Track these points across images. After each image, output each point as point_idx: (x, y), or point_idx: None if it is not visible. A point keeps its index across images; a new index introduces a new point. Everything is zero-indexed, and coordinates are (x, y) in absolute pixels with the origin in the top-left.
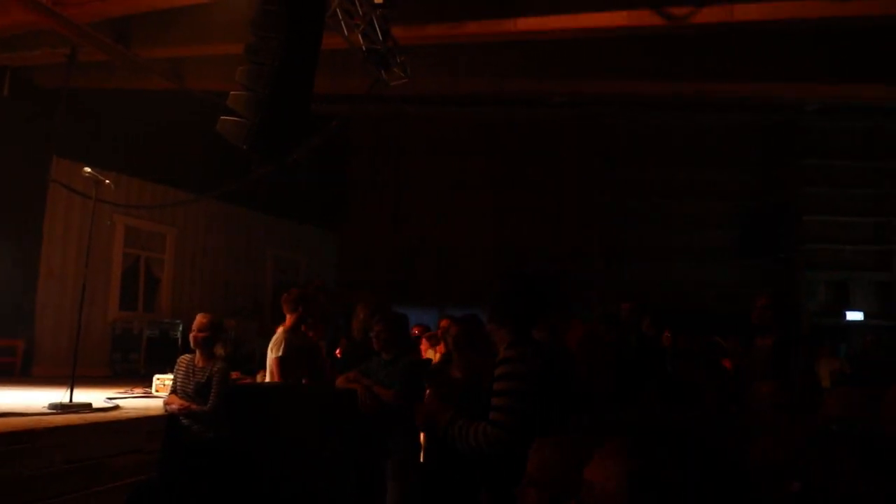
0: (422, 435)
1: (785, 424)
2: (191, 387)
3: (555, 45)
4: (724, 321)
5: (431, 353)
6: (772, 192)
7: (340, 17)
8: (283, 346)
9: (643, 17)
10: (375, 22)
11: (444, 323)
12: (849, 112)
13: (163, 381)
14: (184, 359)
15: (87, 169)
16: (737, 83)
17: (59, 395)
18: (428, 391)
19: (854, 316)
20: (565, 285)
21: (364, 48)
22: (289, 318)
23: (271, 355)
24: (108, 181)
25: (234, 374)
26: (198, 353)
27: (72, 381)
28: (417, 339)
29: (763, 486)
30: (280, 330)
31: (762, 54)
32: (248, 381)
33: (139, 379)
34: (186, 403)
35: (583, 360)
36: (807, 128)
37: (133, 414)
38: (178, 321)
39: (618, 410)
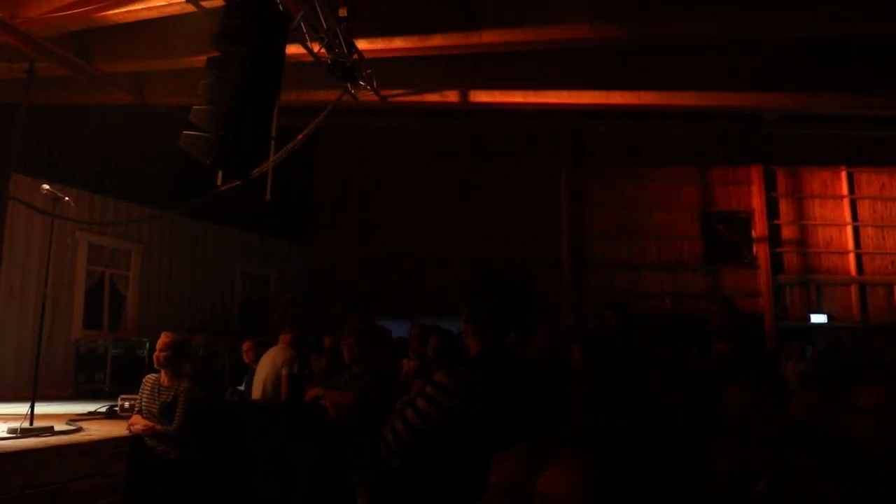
0: None
1: (752, 425)
2: (156, 407)
3: (521, 56)
4: (693, 328)
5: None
6: (737, 197)
7: (305, 30)
8: (296, 363)
9: (608, 30)
10: (340, 35)
11: (415, 331)
12: (811, 119)
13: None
14: (149, 378)
15: (46, 186)
16: (699, 95)
17: (21, 418)
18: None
19: (819, 319)
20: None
21: (329, 61)
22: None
23: (283, 372)
24: (67, 198)
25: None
26: (163, 372)
27: (32, 404)
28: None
29: (731, 485)
30: (281, 347)
31: (725, 66)
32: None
33: (105, 399)
34: (151, 424)
35: (542, 373)
36: (769, 134)
37: (96, 436)
38: (145, 339)
39: (577, 421)
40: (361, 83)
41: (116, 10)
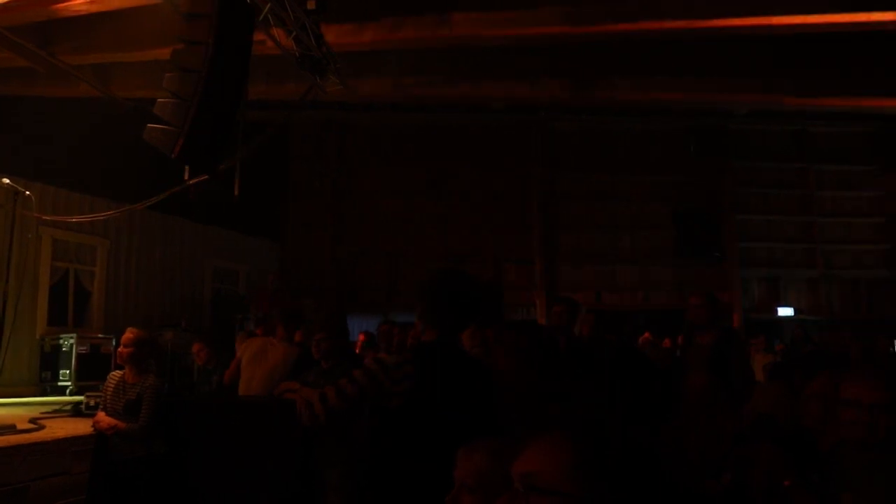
0: None
1: (717, 418)
2: (121, 404)
3: (494, 53)
4: (664, 320)
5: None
6: (705, 193)
7: (272, 22)
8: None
9: (581, 25)
10: (308, 27)
11: (383, 328)
12: (776, 116)
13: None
14: (114, 375)
15: (6, 180)
16: (670, 91)
17: None
18: None
19: (785, 311)
20: (498, 294)
21: (298, 54)
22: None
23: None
24: (28, 192)
25: None
26: (127, 369)
27: None
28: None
29: (695, 478)
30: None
31: (697, 63)
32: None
33: (70, 396)
34: (115, 422)
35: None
36: (737, 131)
37: (60, 434)
38: (111, 336)
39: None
40: (331, 76)
41: (79, 1)
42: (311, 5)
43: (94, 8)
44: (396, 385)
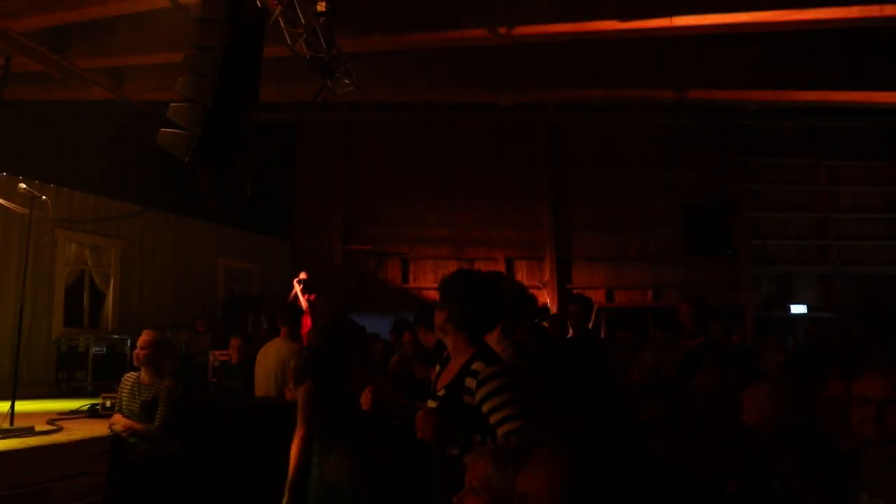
0: None
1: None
2: (137, 405)
3: (501, 53)
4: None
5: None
6: (716, 190)
7: (283, 25)
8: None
9: (585, 26)
10: (318, 30)
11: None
12: (788, 112)
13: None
14: (129, 377)
15: (23, 185)
16: (678, 89)
17: (0, 418)
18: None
19: (798, 309)
20: (522, 292)
21: (308, 56)
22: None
23: (291, 363)
24: (44, 197)
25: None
26: (143, 370)
27: (12, 405)
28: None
29: (702, 485)
30: (283, 340)
31: (703, 61)
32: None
33: (86, 397)
34: (131, 423)
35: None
36: (748, 127)
37: (78, 435)
38: (126, 337)
39: (547, 418)
40: (341, 78)
41: (94, 6)
42: (321, 8)
43: (106, 12)
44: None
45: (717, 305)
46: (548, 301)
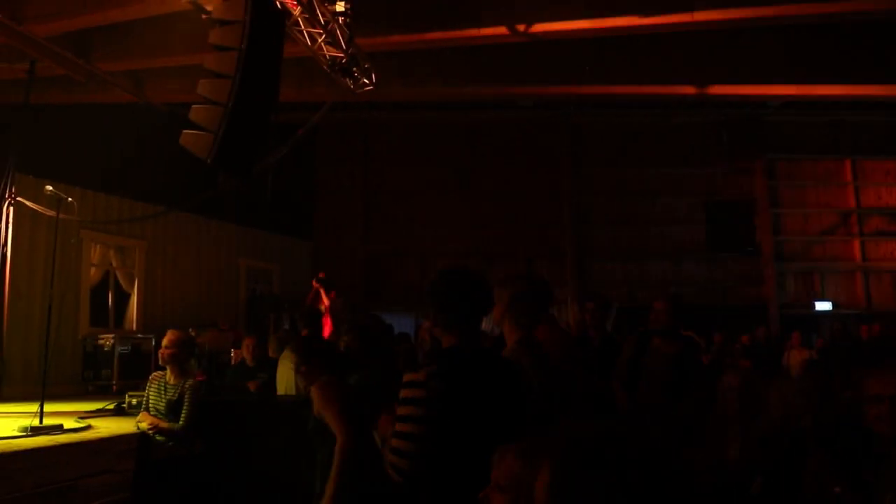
0: None
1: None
2: (162, 404)
3: (520, 50)
4: (698, 316)
5: None
6: (739, 186)
7: (302, 26)
8: None
9: (605, 22)
10: (337, 30)
11: (426, 324)
12: (812, 106)
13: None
14: (155, 375)
15: (49, 187)
16: (700, 85)
17: (30, 416)
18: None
19: (823, 306)
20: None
21: (328, 56)
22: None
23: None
24: (70, 199)
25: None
26: (169, 369)
27: (41, 403)
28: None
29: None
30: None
31: (725, 56)
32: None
33: (112, 395)
34: (157, 421)
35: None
36: (771, 123)
37: (105, 433)
38: (151, 336)
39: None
40: (360, 77)
41: (115, 10)
42: (339, 8)
43: (128, 16)
44: (433, 396)
45: (740, 303)
46: (568, 299)
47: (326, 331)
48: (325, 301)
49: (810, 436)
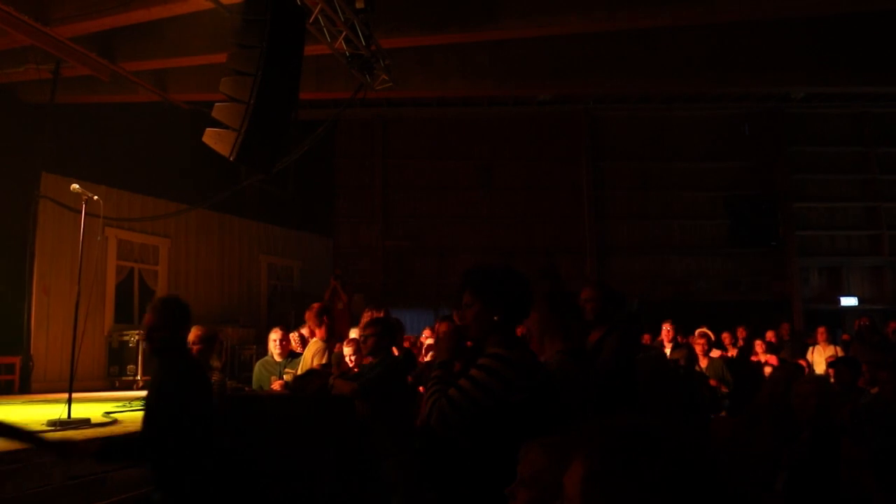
0: None
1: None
2: None
3: (539, 45)
4: (719, 311)
5: None
6: (761, 180)
7: (322, 23)
8: (326, 354)
9: (623, 20)
10: (357, 27)
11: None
12: (835, 98)
13: None
14: None
15: (75, 185)
16: (721, 79)
17: (58, 410)
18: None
19: (848, 301)
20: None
21: (347, 53)
22: (319, 332)
23: (315, 361)
24: (95, 197)
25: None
26: None
27: (69, 398)
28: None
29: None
30: (316, 340)
31: (747, 49)
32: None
33: (136, 390)
34: None
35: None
36: (794, 115)
37: (132, 428)
38: None
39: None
40: (380, 74)
41: (139, 10)
42: (359, 5)
43: (151, 16)
44: (521, 379)
45: (763, 299)
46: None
47: (344, 327)
48: (344, 298)
49: (844, 430)
